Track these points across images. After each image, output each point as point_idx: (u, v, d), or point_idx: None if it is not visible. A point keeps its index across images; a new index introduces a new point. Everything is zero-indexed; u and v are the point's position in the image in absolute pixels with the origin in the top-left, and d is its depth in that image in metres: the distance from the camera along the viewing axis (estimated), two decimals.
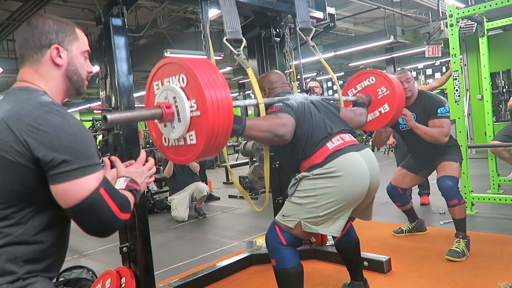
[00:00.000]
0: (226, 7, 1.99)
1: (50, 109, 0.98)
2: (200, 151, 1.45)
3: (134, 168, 1.26)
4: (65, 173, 0.94)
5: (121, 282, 2.12)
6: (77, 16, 5.75)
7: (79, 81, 1.16)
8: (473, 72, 8.02)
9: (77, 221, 0.99)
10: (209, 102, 1.38)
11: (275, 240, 1.89)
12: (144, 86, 8.03)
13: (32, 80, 1.08)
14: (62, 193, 0.96)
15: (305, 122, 1.90)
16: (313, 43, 2.45)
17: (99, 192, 0.98)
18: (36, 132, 0.94)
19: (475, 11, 3.77)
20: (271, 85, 2.17)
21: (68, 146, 0.95)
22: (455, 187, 2.78)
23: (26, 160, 0.95)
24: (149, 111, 1.46)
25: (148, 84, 1.61)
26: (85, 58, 1.17)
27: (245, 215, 4.94)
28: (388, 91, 2.53)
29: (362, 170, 1.84)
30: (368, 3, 6.41)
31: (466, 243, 2.76)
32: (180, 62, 1.44)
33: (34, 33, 1.09)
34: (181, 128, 1.47)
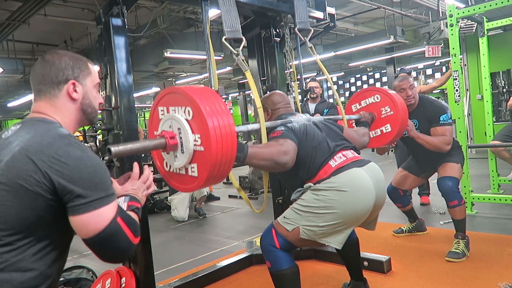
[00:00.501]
0: (226, 7, 1.99)
1: (70, 141, 1.02)
2: (202, 184, 1.47)
3: (130, 186, 1.29)
4: (85, 204, 0.98)
5: (121, 282, 2.12)
6: (77, 16, 5.75)
7: (93, 112, 1.21)
8: (473, 72, 8.01)
9: (95, 250, 1.02)
10: (214, 141, 1.38)
11: (269, 242, 1.89)
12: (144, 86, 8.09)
13: (48, 112, 1.12)
14: (82, 224, 0.99)
15: (307, 143, 1.89)
16: (311, 44, 2.45)
17: (116, 221, 1.02)
18: (57, 163, 0.97)
19: (475, 11, 3.77)
20: (273, 106, 2.16)
21: (87, 178, 0.99)
22: (455, 187, 2.77)
23: (44, 190, 0.97)
24: (153, 142, 1.47)
25: (153, 107, 1.61)
26: (97, 90, 1.23)
27: (245, 215, 4.93)
28: (392, 112, 2.53)
29: (366, 186, 1.82)
30: (368, 3, 6.40)
31: (466, 243, 2.76)
32: (188, 96, 1.43)
33: (52, 70, 1.13)
34: (183, 159, 1.48)
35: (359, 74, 14.97)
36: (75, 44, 7.31)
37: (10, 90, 10.37)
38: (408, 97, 2.81)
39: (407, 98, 2.80)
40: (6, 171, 0.99)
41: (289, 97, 2.76)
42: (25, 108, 12.74)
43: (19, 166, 0.97)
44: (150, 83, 11.87)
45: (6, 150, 1.02)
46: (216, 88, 2.00)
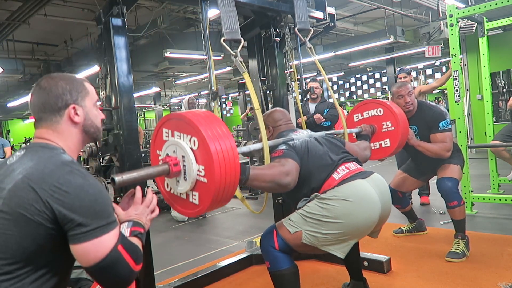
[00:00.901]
0: (225, 7, 1.99)
1: (72, 169, 1.02)
2: (203, 211, 1.49)
3: (133, 211, 1.29)
4: (85, 233, 0.98)
5: None
6: (77, 16, 5.75)
7: (96, 131, 1.21)
8: (473, 72, 8.01)
9: (96, 278, 1.03)
10: (218, 175, 1.38)
11: (268, 243, 1.89)
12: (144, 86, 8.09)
13: (51, 138, 1.12)
14: (83, 253, 0.99)
15: (309, 160, 1.89)
16: (311, 44, 2.45)
17: (117, 249, 1.01)
18: (58, 192, 0.97)
19: (475, 11, 3.77)
20: (275, 123, 2.17)
21: (88, 206, 0.99)
22: (455, 188, 2.77)
23: (44, 219, 0.97)
24: (156, 169, 1.47)
25: (158, 127, 1.61)
26: (96, 108, 1.22)
27: (245, 215, 4.93)
28: (393, 128, 2.54)
29: (371, 197, 1.82)
30: (368, 3, 6.40)
31: (466, 243, 2.76)
32: (196, 128, 1.42)
33: (50, 97, 1.12)
34: (185, 186, 1.48)
35: (359, 74, 14.96)
36: (75, 44, 7.32)
37: (10, 90, 10.38)
38: (406, 103, 2.80)
39: (405, 104, 2.80)
40: (8, 199, 0.99)
41: (289, 97, 2.77)
42: (25, 108, 12.74)
43: (20, 195, 0.98)
44: (150, 83, 11.87)
45: (9, 177, 1.03)
46: (215, 88, 2.00)
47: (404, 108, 2.81)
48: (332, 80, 15.59)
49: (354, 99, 16.05)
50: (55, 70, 8.10)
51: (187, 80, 12.13)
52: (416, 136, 2.82)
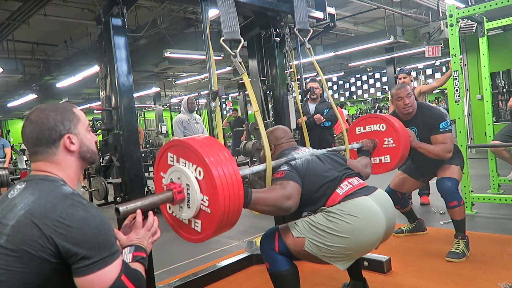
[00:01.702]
0: (224, 7, 1.99)
1: (73, 202, 1.03)
2: (204, 239, 1.49)
3: (134, 235, 1.29)
4: (89, 266, 0.99)
5: None
6: (77, 16, 5.75)
7: (92, 156, 1.22)
8: (473, 72, 8.01)
9: None
10: (222, 207, 1.38)
11: (268, 245, 1.88)
12: (144, 86, 8.08)
13: (50, 170, 1.13)
14: (87, 285, 1.00)
15: (312, 180, 1.89)
16: (310, 45, 2.45)
17: (121, 279, 1.03)
18: (61, 226, 0.98)
19: (475, 11, 3.77)
20: (276, 141, 2.17)
21: (91, 239, 1.00)
22: (455, 188, 2.77)
23: (49, 254, 0.98)
24: (160, 196, 1.47)
25: (163, 150, 1.62)
26: (89, 131, 1.22)
27: (245, 215, 4.91)
28: (394, 145, 2.55)
29: (376, 214, 1.81)
30: (368, 3, 6.41)
31: (466, 243, 2.76)
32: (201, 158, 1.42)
33: (43, 130, 1.12)
34: (189, 213, 1.48)
35: (359, 74, 14.97)
36: (75, 44, 7.32)
37: (10, 90, 10.38)
38: (405, 105, 2.80)
39: (404, 106, 2.80)
40: (12, 236, 0.99)
41: (289, 97, 2.77)
42: (25, 108, 12.75)
43: (24, 231, 0.98)
44: (150, 83, 11.88)
45: (11, 213, 1.03)
46: (216, 88, 2.00)
47: (403, 110, 2.81)
48: (332, 80, 15.59)
49: (354, 99, 16.06)
50: (55, 70, 8.11)
51: (187, 80, 12.14)
52: (416, 137, 2.81)
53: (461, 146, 3.67)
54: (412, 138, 2.74)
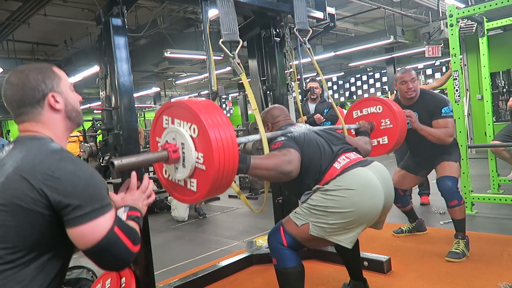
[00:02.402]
0: (224, 9, 1.99)
1: (62, 156, 1.03)
2: (200, 198, 1.49)
3: (129, 196, 1.29)
4: (81, 216, 0.99)
5: (121, 282, 2.12)
6: (77, 16, 5.75)
7: (78, 115, 1.21)
8: (473, 72, 8.01)
9: (94, 260, 1.03)
10: (217, 163, 1.38)
11: (276, 240, 1.88)
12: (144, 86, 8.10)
13: (37, 129, 1.12)
14: (79, 236, 1.00)
15: (310, 150, 1.89)
16: (309, 45, 2.45)
17: (114, 231, 1.03)
18: (50, 179, 0.98)
19: (475, 11, 3.77)
20: (273, 120, 2.18)
21: (81, 190, 1.00)
22: (455, 187, 2.78)
23: (41, 207, 0.98)
24: (155, 154, 1.48)
25: (158, 114, 1.62)
26: (73, 91, 1.21)
27: (245, 215, 4.93)
28: (391, 125, 2.56)
29: (373, 184, 1.81)
30: (368, 3, 6.40)
31: (466, 243, 2.76)
32: (195, 115, 1.42)
33: (25, 91, 1.11)
34: (184, 172, 1.48)
35: (359, 74, 14.96)
36: (75, 44, 7.32)
37: None
38: (409, 89, 2.82)
39: (407, 90, 2.82)
40: (2, 192, 1.00)
41: (289, 97, 2.77)
42: None
43: (14, 187, 0.99)
44: (150, 83, 11.87)
45: (0, 172, 1.03)
46: (215, 88, 2.00)
47: (406, 94, 2.83)
48: (332, 80, 15.59)
49: (354, 99, 16.03)
50: None
51: (187, 80, 12.13)
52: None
53: (461, 146, 3.67)
54: (414, 119, 2.74)
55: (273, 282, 2.58)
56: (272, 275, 1.95)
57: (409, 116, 2.72)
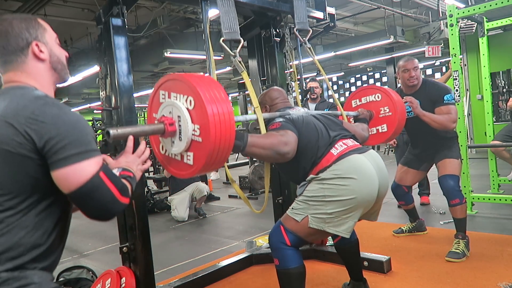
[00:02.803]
0: (224, 8, 1.99)
1: (45, 101, 1.02)
2: (196, 172, 1.49)
3: (123, 159, 1.27)
4: (64, 158, 0.97)
5: (121, 282, 2.12)
6: (77, 16, 5.75)
7: (63, 68, 1.19)
8: (473, 72, 8.01)
9: (79, 205, 1.02)
10: (213, 135, 1.38)
11: (279, 240, 1.88)
12: (144, 86, 8.11)
13: (21, 79, 1.11)
14: (63, 178, 0.99)
15: (307, 133, 1.90)
16: (310, 45, 2.45)
17: (99, 176, 1.01)
18: (34, 123, 0.97)
19: (475, 11, 3.77)
20: (271, 102, 2.17)
21: (65, 133, 0.98)
22: (457, 186, 2.79)
23: (28, 150, 0.98)
24: (151, 126, 1.48)
25: (154, 90, 1.61)
26: (58, 45, 1.19)
27: (245, 215, 4.93)
28: (390, 113, 2.56)
29: (368, 171, 1.82)
30: (368, 3, 6.40)
31: (466, 243, 2.76)
32: (191, 86, 1.43)
33: (9, 39, 1.10)
34: (180, 146, 1.48)
35: (359, 74, 14.96)
36: (75, 44, 7.32)
37: None
38: (411, 77, 2.83)
39: (410, 78, 2.84)
40: None
41: (289, 97, 2.77)
42: None
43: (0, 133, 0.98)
44: (150, 83, 11.87)
45: None
46: None
47: (408, 82, 2.84)
48: (332, 80, 15.59)
49: None
50: None
51: None
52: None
53: (461, 146, 3.67)
54: (415, 105, 2.74)
55: (273, 282, 2.58)
56: (272, 275, 1.95)
57: (410, 101, 2.72)
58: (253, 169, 5.73)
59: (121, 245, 2.19)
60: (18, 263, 0.99)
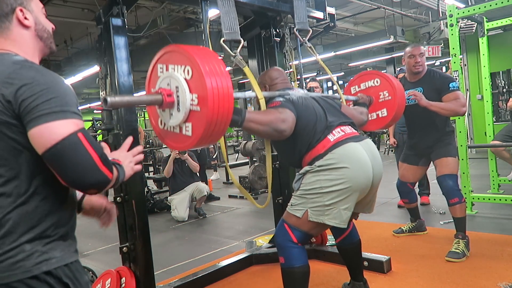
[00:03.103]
0: (225, 8, 1.99)
1: (22, 65, 1.00)
2: (195, 143, 1.48)
3: (117, 153, 1.25)
4: (38, 117, 0.94)
5: (121, 282, 2.12)
6: (77, 16, 5.75)
7: (49, 37, 1.16)
8: (473, 72, 8.01)
9: (54, 169, 0.97)
10: (211, 103, 1.38)
11: (286, 238, 1.89)
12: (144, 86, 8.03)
13: (4, 46, 1.09)
14: (36, 137, 0.94)
15: (306, 115, 1.91)
16: (310, 44, 2.45)
17: (76, 135, 0.96)
18: (10, 86, 0.96)
19: (475, 11, 3.77)
20: (271, 81, 2.17)
21: (40, 93, 0.95)
22: (456, 186, 2.80)
23: (9, 116, 0.96)
24: (149, 97, 1.47)
25: (152, 65, 1.61)
26: (44, 15, 1.17)
27: (245, 215, 4.93)
28: (390, 97, 2.56)
29: (363, 160, 1.84)
30: (368, 3, 6.41)
31: (466, 243, 2.76)
32: (189, 55, 1.43)
33: None
34: (179, 117, 1.48)
35: None
36: (75, 44, 7.32)
37: None
38: (416, 63, 2.85)
39: (415, 64, 2.86)
40: None
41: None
42: None
43: None
44: None
45: None
46: None
47: (413, 69, 2.86)
48: (331, 80, 15.57)
49: None
50: (55, 70, 8.09)
51: None
52: None
53: (461, 146, 3.67)
54: (419, 97, 2.73)
55: (273, 282, 2.59)
56: (272, 275, 1.95)
57: (414, 94, 2.72)
58: (253, 169, 5.76)
59: (121, 245, 2.19)
60: (38, 232, 0.99)
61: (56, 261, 1.01)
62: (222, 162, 8.83)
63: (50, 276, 0.99)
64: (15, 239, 0.97)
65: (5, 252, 0.96)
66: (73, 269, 1.05)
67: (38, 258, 0.98)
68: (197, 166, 5.09)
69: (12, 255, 0.96)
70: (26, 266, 0.96)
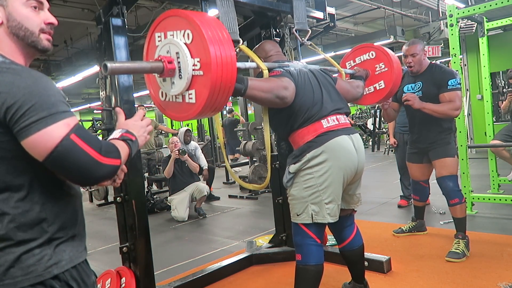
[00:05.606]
0: (224, 8, 1.99)
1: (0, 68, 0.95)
2: (199, 110, 1.43)
3: (132, 121, 1.21)
4: (27, 127, 0.91)
5: (121, 282, 2.12)
6: (77, 16, 5.75)
7: (29, 35, 1.05)
8: (473, 72, 8.01)
9: (58, 173, 0.97)
10: (214, 65, 1.34)
11: (304, 236, 1.92)
12: (144, 86, 8.10)
13: None
14: (32, 147, 0.93)
15: (304, 92, 1.92)
16: (310, 42, 2.45)
17: (69, 138, 0.94)
18: None
19: (475, 11, 3.77)
20: (266, 54, 2.17)
21: (23, 100, 0.91)
22: (456, 186, 2.80)
23: None
24: (150, 64, 1.43)
25: (150, 34, 1.56)
26: (32, 8, 1.06)
27: (245, 215, 4.93)
28: (386, 69, 2.55)
29: (351, 152, 1.92)
30: (368, 3, 6.41)
31: (466, 243, 2.76)
32: (187, 17, 1.39)
33: None
34: (181, 85, 1.44)
35: None
36: (75, 44, 7.32)
37: None
38: (408, 63, 2.88)
39: (407, 64, 2.89)
40: None
41: None
42: None
43: None
44: None
45: None
46: None
47: (407, 66, 2.90)
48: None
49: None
50: (55, 70, 8.11)
51: None
52: (419, 91, 2.82)
53: (461, 146, 3.67)
54: (412, 101, 2.72)
55: (273, 282, 2.59)
56: (272, 275, 1.95)
57: (407, 99, 2.73)
58: (253, 169, 5.76)
59: (121, 245, 2.19)
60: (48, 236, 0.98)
61: (66, 263, 1.01)
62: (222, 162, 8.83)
63: (57, 280, 0.99)
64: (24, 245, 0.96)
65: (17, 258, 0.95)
66: (80, 270, 1.05)
67: (48, 262, 0.97)
68: (197, 167, 5.09)
69: (23, 259, 0.95)
70: (38, 271, 0.96)
